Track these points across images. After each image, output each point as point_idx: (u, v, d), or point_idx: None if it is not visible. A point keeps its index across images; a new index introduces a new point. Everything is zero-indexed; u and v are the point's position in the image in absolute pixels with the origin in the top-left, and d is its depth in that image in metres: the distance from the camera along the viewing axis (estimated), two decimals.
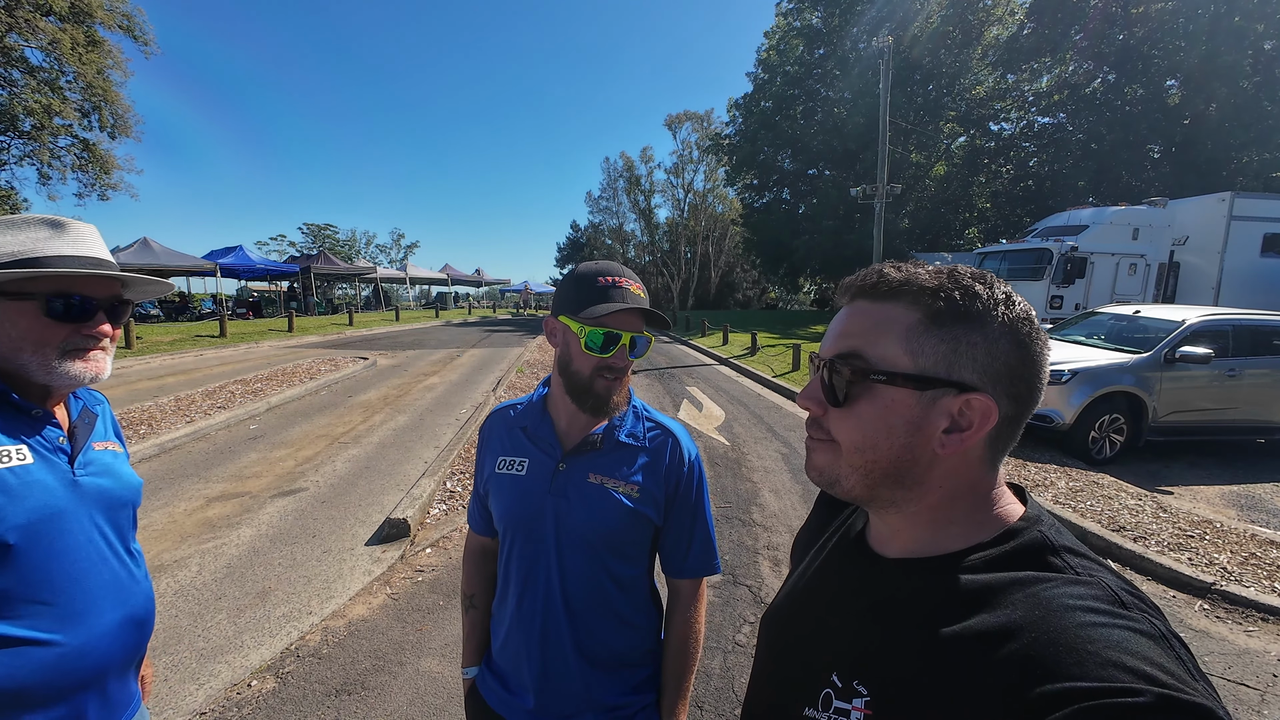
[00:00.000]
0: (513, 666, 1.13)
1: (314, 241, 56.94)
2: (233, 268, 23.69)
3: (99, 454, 1.05)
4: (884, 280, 0.57)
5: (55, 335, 0.95)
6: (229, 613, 3.05)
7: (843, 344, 0.58)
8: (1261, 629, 3.09)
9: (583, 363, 1.06)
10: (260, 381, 9.21)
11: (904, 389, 0.55)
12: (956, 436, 0.55)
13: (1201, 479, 5.72)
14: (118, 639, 0.97)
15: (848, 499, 0.61)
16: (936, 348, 0.54)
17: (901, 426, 0.55)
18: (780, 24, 30.25)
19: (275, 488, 4.84)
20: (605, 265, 1.08)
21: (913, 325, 0.55)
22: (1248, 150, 19.57)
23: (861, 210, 23.50)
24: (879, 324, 0.57)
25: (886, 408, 0.55)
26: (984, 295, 0.54)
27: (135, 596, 1.03)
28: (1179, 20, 20.12)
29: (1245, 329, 6.32)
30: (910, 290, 0.55)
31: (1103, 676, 0.42)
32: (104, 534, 1.00)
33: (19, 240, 0.94)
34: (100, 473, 1.03)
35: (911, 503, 0.59)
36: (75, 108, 18.20)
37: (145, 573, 1.09)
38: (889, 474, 0.57)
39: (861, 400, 0.56)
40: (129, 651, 1.01)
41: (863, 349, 0.56)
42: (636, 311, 1.05)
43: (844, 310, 0.61)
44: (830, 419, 0.59)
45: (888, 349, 0.55)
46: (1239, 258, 12.08)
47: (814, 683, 0.61)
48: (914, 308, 0.55)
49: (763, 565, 3.61)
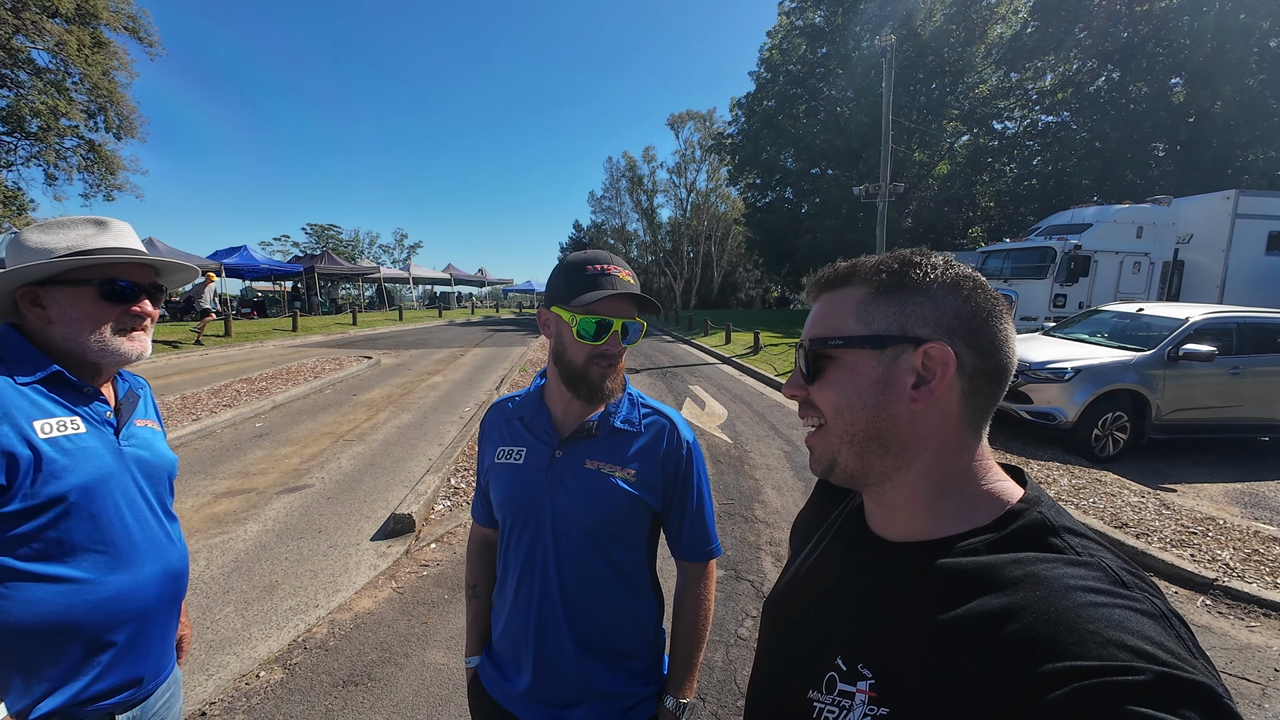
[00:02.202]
0: (511, 655, 1.14)
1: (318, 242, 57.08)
2: (237, 268, 23.75)
3: (140, 430, 1.19)
4: (835, 272, 0.66)
5: (108, 315, 1.10)
6: (237, 606, 3.09)
7: (809, 332, 0.66)
8: (1263, 624, 3.09)
9: (576, 351, 1.06)
10: (265, 380, 9.26)
11: (863, 350, 0.61)
12: (925, 389, 0.58)
13: (1205, 476, 5.71)
14: (157, 586, 1.12)
15: (847, 480, 0.64)
16: (886, 313, 0.60)
17: (870, 386, 0.60)
18: (783, 23, 30.19)
19: (281, 484, 4.87)
20: (594, 254, 1.08)
21: (862, 299, 0.62)
22: (1253, 148, 19.44)
23: (865, 209, 23.44)
24: (835, 308, 0.64)
25: (852, 370, 0.61)
26: (920, 263, 0.61)
27: (172, 552, 1.17)
28: (1183, 18, 20.00)
29: (1249, 327, 6.30)
30: (857, 274, 0.64)
31: (1103, 656, 0.42)
32: (146, 497, 1.14)
33: (71, 237, 1.09)
34: (141, 445, 1.17)
35: (903, 470, 0.60)
36: (81, 109, 18.29)
37: (180, 535, 1.23)
38: (872, 437, 0.60)
39: (829, 370, 0.63)
40: (166, 600, 1.15)
41: (823, 331, 0.64)
42: (626, 297, 1.05)
43: (814, 305, 0.68)
44: (812, 396, 0.65)
45: (843, 323, 0.63)
46: (1244, 256, 12.02)
47: (818, 667, 0.61)
48: (861, 286, 0.63)
49: (765, 561, 3.63)
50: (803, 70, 29.06)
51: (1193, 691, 0.40)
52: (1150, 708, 0.39)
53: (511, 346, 15.96)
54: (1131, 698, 0.40)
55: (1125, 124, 21.38)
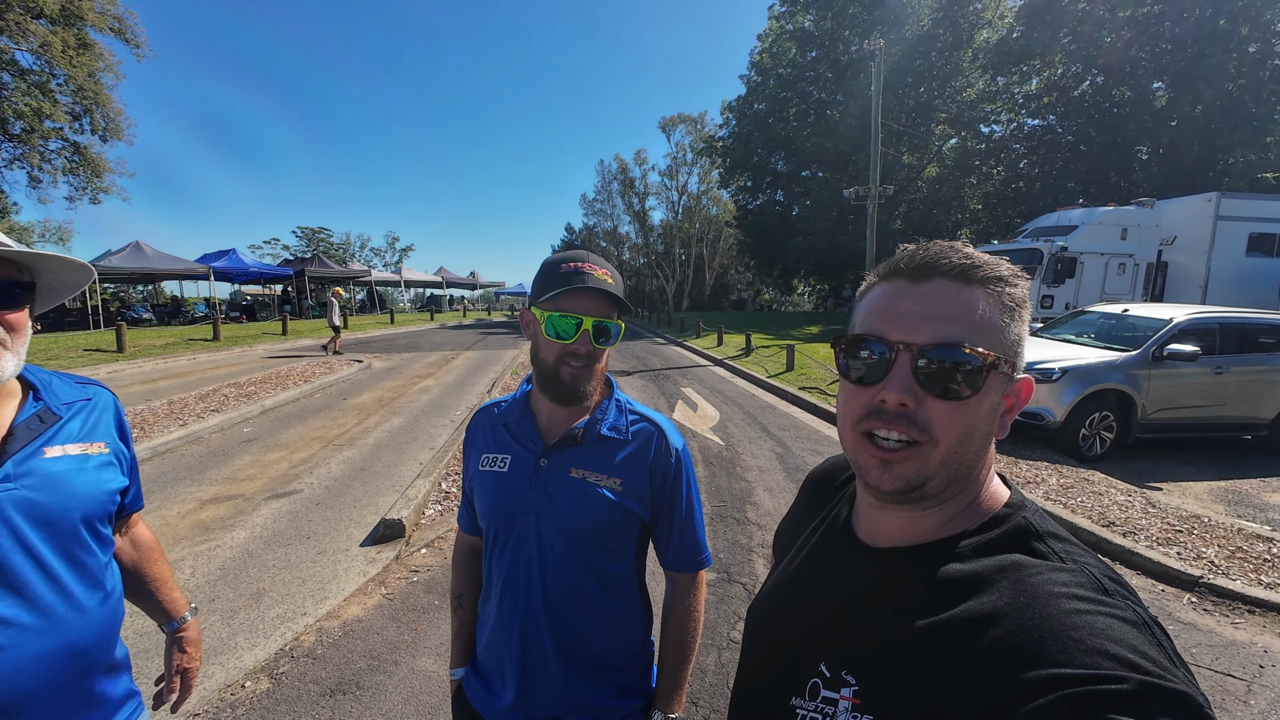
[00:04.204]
0: (495, 667, 1.10)
1: (308, 245, 56.73)
2: (226, 271, 23.58)
3: (45, 462, 0.92)
4: (972, 262, 0.56)
5: None
6: (223, 614, 3.04)
7: (947, 329, 0.54)
8: (1248, 621, 3.13)
9: (547, 350, 1.04)
10: (254, 384, 9.16)
11: (997, 374, 0.55)
12: (1006, 418, 0.58)
13: (1190, 475, 5.78)
14: (35, 670, 0.85)
15: (915, 500, 0.57)
16: (1012, 330, 0.56)
17: (991, 413, 0.56)
18: (773, 27, 30.44)
19: (269, 490, 4.82)
20: (572, 253, 1.06)
21: (1001, 311, 0.56)
22: (1234, 151, 19.83)
23: (855, 212, 23.64)
24: (977, 309, 0.55)
25: (987, 392, 0.55)
26: (1024, 287, 0.58)
27: (73, 622, 0.90)
28: (1165, 23, 20.38)
29: (1232, 327, 6.40)
30: (994, 276, 0.56)
31: (1087, 664, 0.42)
32: (32, 552, 0.87)
33: None
34: (37, 485, 0.89)
35: (962, 494, 0.58)
36: (66, 110, 18.11)
37: (101, 594, 0.95)
38: (971, 465, 0.56)
39: (960, 385, 0.54)
40: (57, 686, 0.88)
41: (968, 337, 0.54)
42: (598, 294, 1.01)
43: (923, 288, 0.56)
44: (930, 413, 0.54)
45: (987, 335, 0.54)
46: (1225, 257, 12.24)
47: (801, 673, 0.61)
48: (986, 288, 0.55)
49: (757, 563, 3.63)
50: (793, 74, 29.30)
51: (1174, 700, 0.40)
52: (1133, 717, 0.39)
53: (503, 349, 15.91)
54: (1114, 706, 0.40)
55: (1109, 127, 21.75)
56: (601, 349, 1.05)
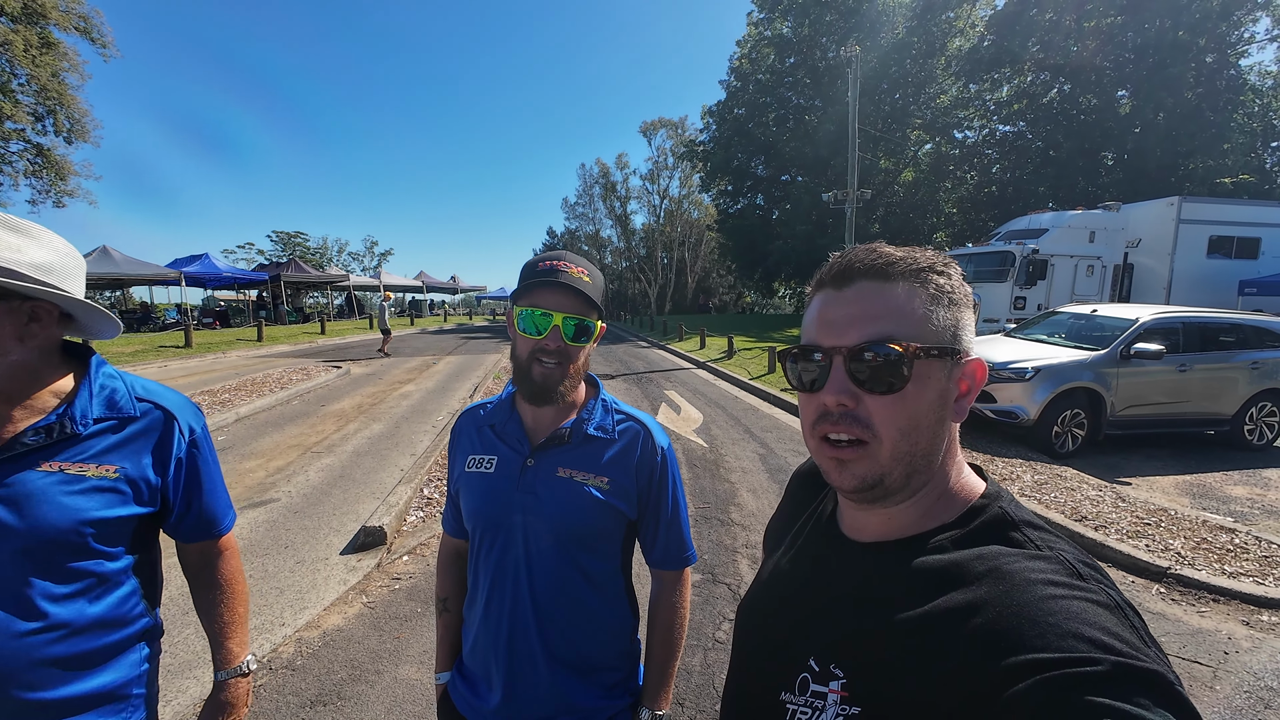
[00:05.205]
0: (482, 670, 1.10)
1: (284, 249, 55.43)
2: (198, 276, 22.91)
3: (32, 475, 0.88)
4: (887, 260, 0.58)
5: None
6: (197, 627, 2.95)
7: (871, 328, 0.56)
8: (1213, 609, 3.24)
9: (521, 347, 1.05)
10: (228, 392, 8.95)
11: (933, 360, 0.56)
12: (962, 403, 0.59)
13: (1157, 470, 5.97)
14: None
15: (878, 497, 0.59)
16: (947, 318, 0.57)
17: (936, 402, 0.57)
18: (752, 33, 30.77)
19: (245, 499, 4.71)
20: (551, 253, 1.07)
21: (925, 299, 0.57)
22: (1194, 157, 20.61)
23: (834, 215, 23.95)
24: (893, 305, 0.57)
25: (924, 383, 0.56)
26: (955, 274, 0.60)
27: None
28: (1128, 34, 21.15)
29: (1194, 326, 6.64)
30: (913, 269, 0.58)
31: (1063, 647, 0.44)
32: None
33: None
34: (4, 499, 0.85)
35: (925, 484, 0.59)
36: (28, 111, 17.53)
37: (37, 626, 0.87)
38: (926, 455, 0.58)
39: (894, 379, 0.55)
40: None
41: (893, 331, 0.56)
42: (570, 291, 1.01)
43: (847, 293, 0.59)
44: (869, 409, 0.56)
45: (912, 326, 0.56)
46: (1187, 259, 12.70)
47: (791, 669, 0.61)
48: (912, 283, 0.58)
49: (742, 564, 3.65)
50: (772, 79, 29.65)
51: (1147, 679, 0.42)
52: (1108, 697, 0.41)
53: (485, 354, 15.77)
54: (1090, 688, 0.41)
55: (1077, 134, 22.45)
56: (576, 347, 1.04)
